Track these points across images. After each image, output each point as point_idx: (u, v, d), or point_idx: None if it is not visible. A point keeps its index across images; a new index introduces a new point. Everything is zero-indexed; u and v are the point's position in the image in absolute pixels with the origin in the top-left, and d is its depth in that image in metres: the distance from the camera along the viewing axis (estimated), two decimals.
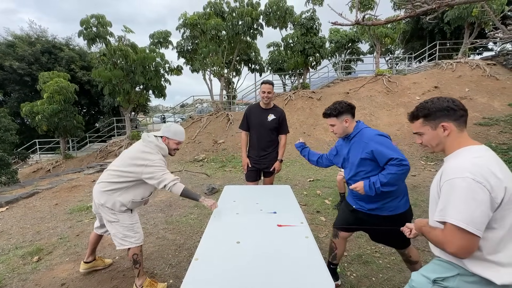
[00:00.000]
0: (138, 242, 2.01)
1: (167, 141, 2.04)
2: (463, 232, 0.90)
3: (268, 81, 2.83)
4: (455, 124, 1.07)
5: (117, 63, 10.55)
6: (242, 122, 2.99)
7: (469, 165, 0.95)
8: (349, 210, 1.89)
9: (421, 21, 14.55)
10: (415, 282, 1.12)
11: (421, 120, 1.13)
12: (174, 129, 2.05)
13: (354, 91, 10.46)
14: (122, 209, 1.95)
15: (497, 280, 0.92)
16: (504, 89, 9.16)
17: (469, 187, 0.91)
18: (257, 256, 1.37)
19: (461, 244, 0.91)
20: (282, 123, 2.93)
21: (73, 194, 5.06)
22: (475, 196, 0.90)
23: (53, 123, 10.76)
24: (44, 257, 2.69)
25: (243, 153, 2.99)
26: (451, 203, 0.94)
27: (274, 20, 11.27)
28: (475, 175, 0.91)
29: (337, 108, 1.78)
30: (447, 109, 1.07)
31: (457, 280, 1.00)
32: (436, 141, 1.11)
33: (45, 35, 16.25)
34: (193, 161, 8.12)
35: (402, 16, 3.74)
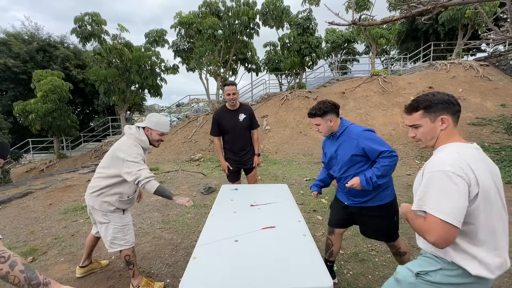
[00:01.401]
0: (128, 244, 1.98)
1: (149, 132, 1.96)
2: (443, 223, 0.93)
3: (231, 83, 2.85)
4: (452, 119, 1.09)
5: (112, 62, 10.45)
6: (212, 128, 2.98)
7: (449, 159, 0.98)
8: (340, 207, 1.95)
9: (416, 22, 14.70)
10: (399, 274, 1.16)
11: (421, 112, 1.13)
12: (156, 119, 1.95)
13: (350, 91, 10.53)
14: (110, 209, 1.92)
15: (472, 271, 0.97)
16: (497, 90, 9.31)
17: (450, 179, 0.94)
18: (255, 254, 1.37)
19: (440, 234, 0.94)
20: (252, 119, 3.00)
21: (67, 194, 5.00)
22: (456, 188, 0.94)
23: (47, 122, 10.61)
24: (39, 258, 2.65)
25: (221, 157, 3.04)
26: (431, 195, 0.97)
27: (270, 19, 11.28)
28: (455, 168, 0.95)
29: (322, 108, 1.81)
30: (448, 102, 1.09)
31: (439, 274, 1.04)
32: (432, 134, 1.12)
33: (40, 33, 16.02)
34: (189, 160, 8.09)
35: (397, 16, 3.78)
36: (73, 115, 12.01)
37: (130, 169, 1.79)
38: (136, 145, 1.89)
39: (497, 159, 5.63)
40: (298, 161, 7.21)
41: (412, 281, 1.10)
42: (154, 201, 4.30)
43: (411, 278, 1.10)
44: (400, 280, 1.14)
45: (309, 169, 6.41)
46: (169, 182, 5.54)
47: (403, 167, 6.12)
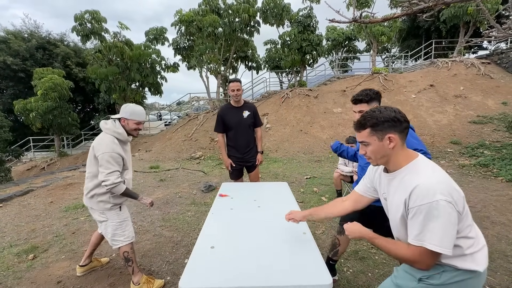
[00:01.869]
0: (127, 240, 1.99)
1: (126, 122, 1.95)
2: (435, 254, 0.96)
3: (236, 79, 2.90)
4: (399, 136, 1.06)
5: (113, 60, 10.44)
6: (217, 124, 3.00)
7: (435, 185, 0.96)
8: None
9: (418, 19, 14.63)
10: (399, 279, 1.13)
11: (369, 130, 1.09)
12: (131, 109, 1.96)
13: (351, 89, 10.50)
14: (107, 207, 1.93)
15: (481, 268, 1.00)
16: (498, 88, 9.27)
17: (444, 209, 0.93)
18: (254, 252, 1.37)
19: (431, 263, 0.99)
20: (256, 117, 3.04)
21: (68, 192, 5.01)
22: (449, 217, 0.94)
23: (48, 121, 10.62)
24: (40, 255, 2.66)
25: (223, 154, 3.05)
26: (434, 230, 0.95)
27: (271, 17, 11.23)
28: (445, 195, 0.94)
29: (369, 94, 1.76)
30: (394, 119, 1.05)
31: (442, 276, 1.04)
32: (381, 153, 1.09)
33: (39, 30, 15.99)
34: (189, 158, 8.10)
35: (399, 14, 3.75)
36: (74, 113, 12.02)
37: (101, 168, 1.82)
38: (113, 140, 1.87)
39: (498, 157, 5.61)
40: (298, 159, 7.21)
41: (414, 286, 1.08)
42: (154, 199, 4.30)
43: (412, 283, 1.08)
44: (400, 285, 1.12)
45: (310, 167, 6.41)
46: (170, 180, 5.54)
47: None
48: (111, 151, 1.82)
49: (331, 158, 7.11)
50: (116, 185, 1.82)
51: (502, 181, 4.58)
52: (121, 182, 1.85)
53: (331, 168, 6.02)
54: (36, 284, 2.21)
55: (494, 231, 2.87)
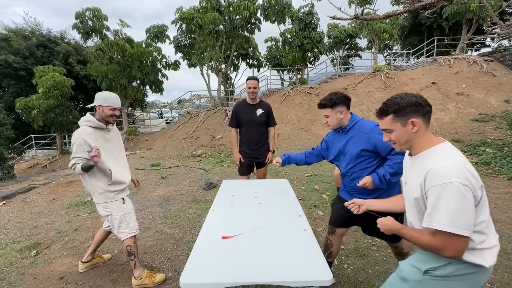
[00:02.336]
0: (132, 232, 2.03)
1: (101, 109, 1.98)
2: (460, 237, 0.93)
3: (254, 77, 2.97)
4: (423, 120, 1.07)
5: (114, 57, 10.43)
6: (231, 119, 3.10)
7: (452, 168, 0.96)
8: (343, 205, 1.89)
9: (420, 16, 14.52)
10: (405, 272, 1.13)
11: (391, 116, 1.11)
12: (104, 95, 1.98)
13: (352, 87, 10.46)
14: (111, 196, 1.97)
15: (487, 264, 1.00)
16: (501, 85, 9.22)
17: (459, 191, 0.92)
18: (255, 248, 1.38)
19: (458, 248, 0.95)
20: (270, 116, 3.07)
21: (70, 189, 5.04)
22: (465, 200, 0.93)
23: (49, 119, 10.65)
24: (42, 251, 2.69)
25: (235, 149, 3.12)
26: (444, 210, 0.94)
27: (272, 14, 11.18)
28: (461, 178, 0.93)
29: (332, 98, 1.74)
30: (416, 104, 1.06)
31: (448, 268, 1.03)
32: (405, 138, 1.10)
33: (39, 28, 15.98)
34: (191, 156, 8.11)
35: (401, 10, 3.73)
36: (75, 111, 12.04)
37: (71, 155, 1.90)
38: (81, 130, 1.91)
39: (500, 155, 5.59)
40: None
41: (419, 279, 1.08)
42: (156, 196, 4.32)
43: (418, 276, 1.08)
44: (407, 278, 1.12)
45: (311, 165, 6.41)
46: (171, 178, 5.56)
47: None
48: (77, 138, 1.88)
49: None
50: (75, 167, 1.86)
51: (503, 179, 4.57)
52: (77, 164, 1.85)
53: (332, 166, 6.01)
54: (39, 280, 2.23)
55: (495, 228, 2.86)
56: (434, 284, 1.06)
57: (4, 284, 2.18)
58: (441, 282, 1.05)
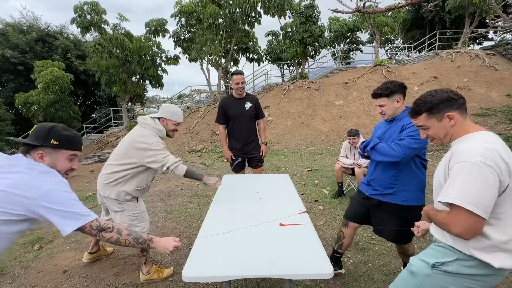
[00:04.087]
0: (144, 231, 2.02)
1: (165, 122, 1.99)
2: (470, 214, 0.91)
3: (239, 72, 2.90)
4: (459, 113, 1.07)
5: (113, 52, 10.35)
6: (218, 116, 3.02)
7: (479, 149, 0.94)
8: (361, 198, 1.88)
9: (422, 9, 14.34)
10: (414, 267, 1.14)
11: (425, 114, 1.12)
12: (172, 109, 2.01)
13: (353, 81, 10.40)
14: (127, 198, 1.94)
15: (496, 264, 0.96)
16: (503, 80, 9.15)
17: (480, 170, 0.91)
18: (256, 243, 1.39)
19: (467, 226, 0.92)
20: (258, 109, 3.03)
21: (71, 184, 5.06)
22: (485, 179, 0.90)
23: (49, 114, 10.63)
24: (45, 246, 2.71)
25: (224, 146, 3.05)
26: (460, 185, 0.93)
27: (272, 8, 11.04)
28: (486, 158, 0.91)
29: (389, 87, 1.68)
30: (449, 99, 1.07)
31: (456, 264, 1.03)
32: (444, 132, 1.10)
33: (38, 22, 15.81)
34: (191, 151, 8.12)
35: (403, 3, 3.69)
36: (75, 106, 12.01)
37: (155, 157, 1.87)
38: (155, 134, 1.93)
39: None
40: (299, 152, 7.22)
41: (428, 273, 1.08)
42: (157, 191, 4.35)
43: (426, 270, 1.09)
44: (415, 272, 1.12)
45: (311, 159, 6.42)
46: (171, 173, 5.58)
47: None
48: (158, 141, 1.90)
49: (332, 151, 7.11)
50: (177, 165, 1.89)
51: None
52: (181, 161, 1.91)
53: (332, 161, 6.02)
54: (43, 273, 2.26)
55: None
56: (442, 279, 1.06)
57: (9, 277, 2.21)
58: (449, 278, 1.04)
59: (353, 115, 8.85)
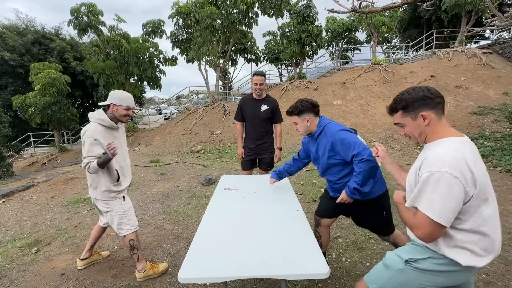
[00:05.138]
0: (133, 228, 2.05)
1: (115, 108, 1.97)
2: (432, 222, 0.96)
3: (260, 73, 2.88)
4: (434, 112, 1.07)
5: (110, 53, 10.33)
6: (236, 113, 3.07)
7: (448, 158, 0.97)
8: (328, 198, 1.94)
9: (419, 9, 14.39)
10: (388, 260, 1.18)
11: (400, 112, 1.13)
12: (119, 95, 1.98)
13: (351, 81, 10.42)
14: (112, 195, 1.98)
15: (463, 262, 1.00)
16: (500, 78, 9.19)
17: (447, 182, 0.94)
18: (252, 243, 1.39)
19: (428, 232, 0.98)
20: (276, 112, 2.99)
21: (69, 186, 5.05)
22: (450, 191, 0.94)
23: (47, 116, 10.60)
24: (43, 248, 2.70)
25: (238, 143, 3.09)
26: (427, 194, 0.98)
27: (269, 8, 11.06)
28: (454, 169, 0.94)
29: (298, 106, 1.77)
30: (424, 98, 1.07)
31: (428, 262, 1.07)
32: (418, 131, 1.11)
33: (33, 24, 15.76)
34: (190, 152, 8.11)
35: (399, 3, 3.70)
36: (73, 108, 11.98)
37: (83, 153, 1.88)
38: (95, 127, 1.90)
39: (498, 148, 5.61)
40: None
41: (400, 268, 1.12)
42: (155, 192, 4.34)
43: (400, 265, 1.13)
44: (388, 265, 1.17)
45: None
46: (170, 174, 5.57)
47: (403, 157, 6.13)
48: (89, 137, 1.86)
49: None
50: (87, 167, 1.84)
51: (501, 171, 4.60)
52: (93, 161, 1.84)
53: None
54: (40, 276, 2.25)
55: None
56: (413, 275, 1.10)
57: (6, 281, 2.20)
58: (419, 274, 1.09)
59: (351, 114, 8.86)
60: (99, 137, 1.86)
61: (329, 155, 1.73)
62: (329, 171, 1.81)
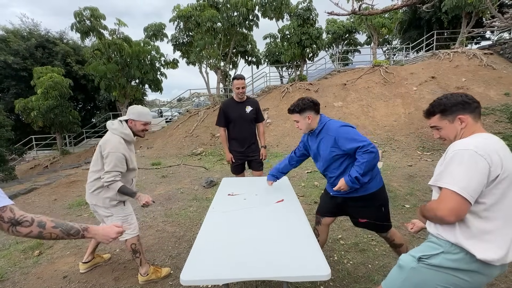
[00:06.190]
0: (134, 233, 2.05)
1: (133, 123, 2.01)
2: (456, 195, 0.96)
3: (240, 76, 2.93)
4: (471, 116, 1.12)
5: (112, 57, 10.40)
6: (218, 119, 3.04)
7: (475, 142, 1.01)
8: (328, 197, 1.97)
9: (419, 10, 14.42)
10: (402, 261, 1.19)
11: (438, 116, 1.18)
12: (138, 110, 2.03)
13: (352, 82, 10.43)
14: (113, 204, 1.98)
15: (478, 254, 0.98)
16: (501, 79, 9.18)
17: (471, 157, 0.97)
18: (254, 245, 1.40)
19: (452, 207, 0.97)
20: (258, 112, 3.07)
21: (71, 189, 5.07)
22: (475, 165, 0.96)
23: (49, 119, 10.66)
24: (45, 251, 2.71)
25: (225, 148, 3.08)
26: (450, 170, 1.01)
27: (270, 11, 11.10)
28: (479, 148, 0.98)
29: (300, 104, 1.84)
30: (462, 103, 1.13)
31: (441, 257, 1.06)
32: (454, 133, 1.16)
33: (38, 29, 15.91)
34: (191, 154, 8.13)
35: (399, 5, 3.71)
36: (75, 111, 12.04)
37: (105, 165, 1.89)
38: (119, 140, 1.93)
39: None
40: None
41: (413, 266, 1.12)
42: (157, 195, 4.35)
43: (413, 263, 1.13)
44: (402, 266, 1.17)
45: (310, 161, 6.40)
46: (171, 176, 5.58)
47: (404, 158, 6.11)
48: (116, 151, 1.88)
49: None
50: (112, 183, 1.87)
51: None
52: (117, 180, 1.89)
53: None
54: (43, 279, 2.26)
55: None
56: (427, 273, 1.08)
57: (9, 283, 2.21)
58: (434, 272, 1.07)
59: (352, 116, 8.86)
60: (125, 152, 1.92)
61: (331, 150, 1.77)
62: (330, 167, 1.84)
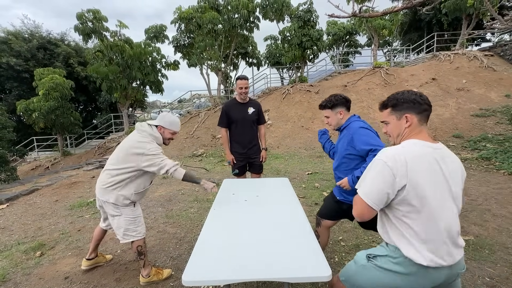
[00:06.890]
0: (140, 235, 2.04)
1: (162, 130, 2.05)
2: (362, 201, 1.08)
3: (244, 77, 2.92)
4: (417, 117, 1.13)
5: (113, 58, 10.45)
6: (220, 119, 3.02)
7: (390, 151, 1.07)
8: (334, 201, 1.94)
9: (419, 12, 14.46)
10: (357, 256, 1.24)
11: (389, 110, 1.20)
12: (170, 119, 2.06)
13: (352, 84, 10.44)
14: (125, 203, 1.97)
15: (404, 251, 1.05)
16: (501, 80, 9.18)
17: (378, 167, 1.06)
18: (254, 246, 1.40)
19: (359, 210, 1.10)
20: (260, 114, 3.07)
21: (73, 190, 5.08)
22: (380, 175, 1.04)
23: (50, 120, 10.69)
24: (47, 252, 2.72)
25: (226, 150, 3.06)
26: (364, 176, 1.12)
27: (270, 12, 11.15)
28: (388, 158, 1.04)
29: (332, 100, 1.85)
30: (413, 101, 1.13)
31: (385, 259, 1.11)
32: (398, 131, 1.18)
33: (39, 30, 16.00)
34: (192, 156, 8.14)
35: (399, 7, 3.73)
36: (76, 112, 12.07)
37: (152, 161, 1.92)
38: (151, 141, 1.98)
39: (501, 150, 5.59)
40: (299, 155, 7.22)
41: (364, 263, 1.17)
42: (157, 196, 4.36)
43: (363, 261, 1.18)
44: (356, 261, 1.22)
45: (311, 163, 6.43)
46: (173, 178, 5.59)
47: None
48: (155, 147, 1.95)
49: None
50: (176, 168, 1.94)
51: (504, 174, 4.57)
52: (179, 165, 1.96)
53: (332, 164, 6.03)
54: (44, 280, 2.27)
55: (495, 223, 2.88)
56: (376, 274, 1.12)
57: (10, 284, 2.22)
58: (378, 272, 1.11)
59: None
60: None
61: (346, 148, 1.77)
62: (341, 166, 1.83)
